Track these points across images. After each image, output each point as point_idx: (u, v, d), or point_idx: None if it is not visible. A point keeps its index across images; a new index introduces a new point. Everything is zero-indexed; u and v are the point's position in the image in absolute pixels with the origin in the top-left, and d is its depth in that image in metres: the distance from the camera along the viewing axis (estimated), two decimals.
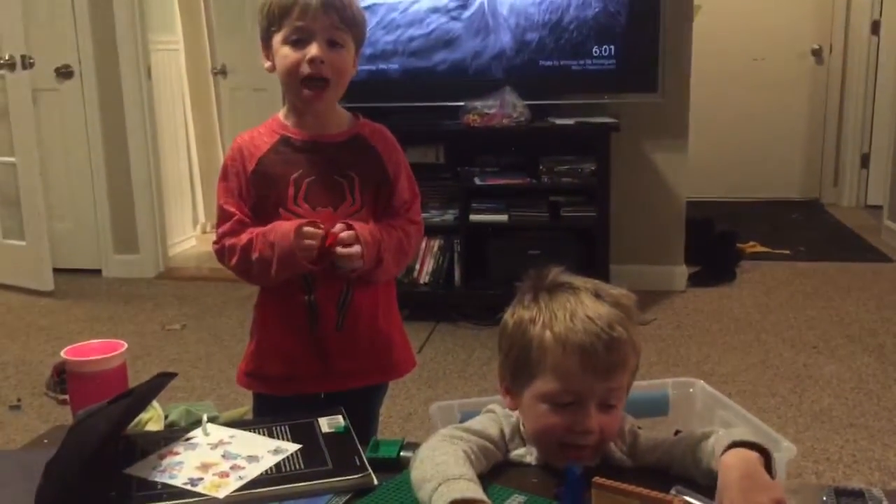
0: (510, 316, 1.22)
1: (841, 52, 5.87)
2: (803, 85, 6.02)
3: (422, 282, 3.73)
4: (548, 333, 1.15)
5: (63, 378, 2.92)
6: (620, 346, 1.14)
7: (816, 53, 5.96)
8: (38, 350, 3.49)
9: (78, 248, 4.62)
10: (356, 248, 1.43)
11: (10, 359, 3.41)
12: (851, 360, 3.19)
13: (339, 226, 1.43)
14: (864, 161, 5.86)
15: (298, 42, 1.44)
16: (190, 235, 5.25)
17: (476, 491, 1.03)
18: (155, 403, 1.42)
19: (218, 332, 3.67)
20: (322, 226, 1.43)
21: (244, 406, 1.85)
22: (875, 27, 5.70)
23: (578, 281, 1.20)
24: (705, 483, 1.11)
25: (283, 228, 1.43)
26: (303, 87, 1.46)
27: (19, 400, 2.99)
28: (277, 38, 1.46)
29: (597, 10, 3.58)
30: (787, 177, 6.13)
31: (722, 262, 4.32)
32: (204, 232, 5.50)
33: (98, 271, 4.61)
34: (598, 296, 1.17)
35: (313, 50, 1.43)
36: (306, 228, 1.42)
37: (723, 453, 1.06)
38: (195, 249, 5.17)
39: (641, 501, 0.99)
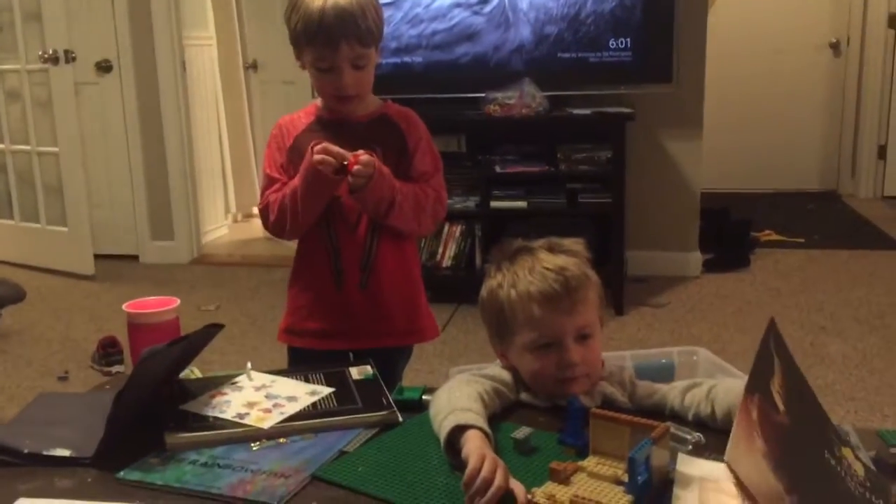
0: (483, 290, 1.39)
1: (858, 45, 5.93)
2: (821, 77, 6.10)
3: (444, 265, 3.89)
4: (513, 292, 1.32)
5: (108, 352, 3.11)
6: (577, 283, 1.30)
7: (834, 46, 6.03)
8: (82, 328, 3.68)
9: (116, 234, 4.83)
10: (370, 162, 1.53)
11: (55, 336, 3.61)
12: (857, 340, 3.30)
13: (361, 151, 1.56)
14: (882, 152, 5.93)
15: (325, 69, 1.60)
16: (222, 224, 5.44)
17: (480, 422, 1.16)
18: (196, 371, 1.59)
19: (251, 313, 3.85)
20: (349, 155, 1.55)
21: None
22: (892, 20, 5.75)
23: (535, 242, 1.37)
24: (693, 422, 1.26)
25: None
26: (333, 100, 1.65)
27: (66, 372, 3.19)
28: (307, 56, 1.62)
29: (613, 4, 3.72)
30: (805, 168, 6.21)
31: (736, 250, 4.43)
32: (235, 221, 5.69)
33: (136, 257, 4.82)
34: (551, 249, 1.35)
35: (340, 80, 1.60)
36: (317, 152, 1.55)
37: None
38: (227, 237, 5.36)
39: (633, 427, 1.13)
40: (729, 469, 0.98)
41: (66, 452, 1.21)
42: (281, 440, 1.25)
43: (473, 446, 1.10)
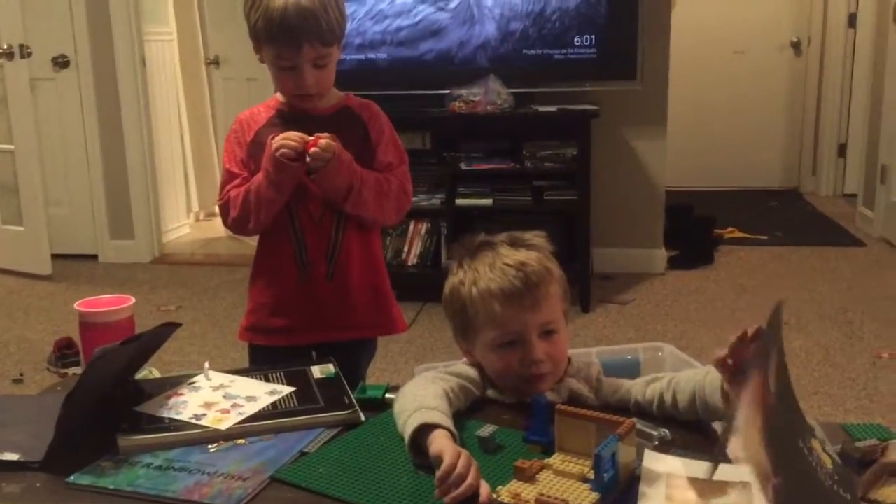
0: (446, 288, 1.36)
1: (819, 45, 6.01)
2: (782, 77, 6.17)
3: (410, 264, 3.86)
4: (474, 290, 1.29)
5: (65, 353, 3.04)
6: (538, 279, 1.28)
7: (795, 46, 6.11)
8: (38, 329, 3.59)
9: (75, 233, 4.73)
10: (330, 146, 1.52)
11: (11, 338, 3.52)
12: (820, 336, 3.34)
13: (325, 134, 1.54)
14: (842, 151, 6.02)
15: (286, 68, 1.58)
16: (184, 223, 5.35)
17: (446, 421, 1.14)
18: (155, 371, 1.55)
19: (212, 313, 3.79)
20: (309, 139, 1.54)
21: None
22: (852, 20, 5.84)
23: (496, 237, 1.34)
24: (658, 415, 1.26)
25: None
26: (294, 98, 1.63)
27: (21, 374, 3.11)
28: (266, 52, 1.59)
29: (578, 0, 3.72)
30: (767, 166, 6.28)
31: (700, 247, 4.46)
32: (197, 220, 5.61)
33: (94, 256, 4.72)
34: (513, 244, 1.32)
35: (301, 79, 1.57)
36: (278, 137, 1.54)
37: None
38: (189, 236, 5.28)
39: (598, 423, 1.12)
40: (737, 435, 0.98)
41: (14, 456, 1.17)
42: (239, 441, 1.22)
43: (445, 444, 1.08)
